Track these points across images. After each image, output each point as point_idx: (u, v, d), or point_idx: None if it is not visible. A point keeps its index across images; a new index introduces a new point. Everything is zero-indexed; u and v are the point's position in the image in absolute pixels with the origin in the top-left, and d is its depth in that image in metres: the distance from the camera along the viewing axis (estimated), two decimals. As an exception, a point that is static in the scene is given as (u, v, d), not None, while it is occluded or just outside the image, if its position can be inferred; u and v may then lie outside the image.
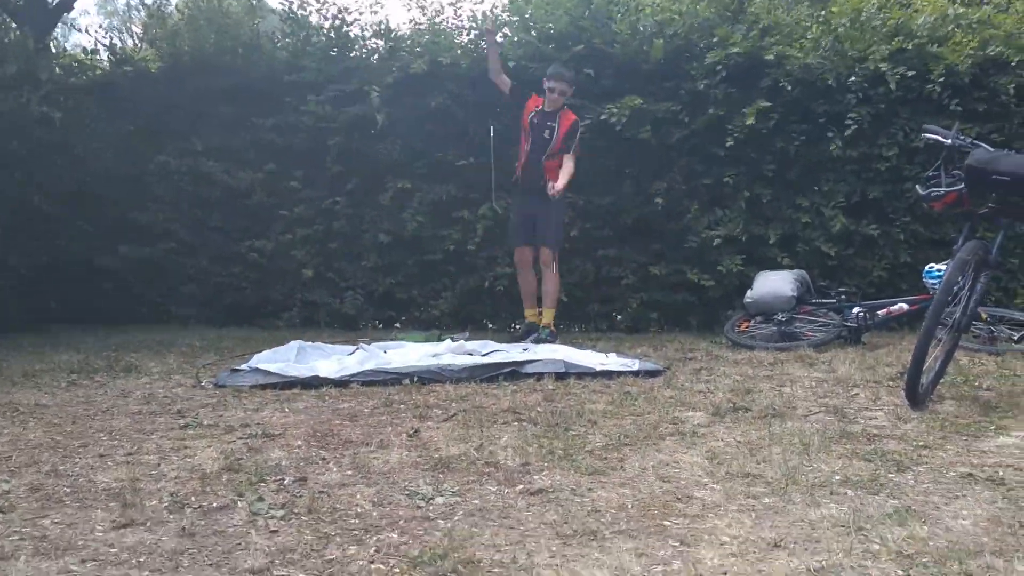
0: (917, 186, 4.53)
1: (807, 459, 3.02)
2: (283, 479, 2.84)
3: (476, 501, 2.64)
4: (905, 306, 5.93)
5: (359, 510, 2.56)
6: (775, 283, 6.20)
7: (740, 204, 7.05)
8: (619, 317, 7.52)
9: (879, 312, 5.94)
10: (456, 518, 2.50)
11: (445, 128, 7.55)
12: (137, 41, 8.63)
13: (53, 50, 8.72)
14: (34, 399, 4.11)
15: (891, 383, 4.36)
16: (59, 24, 11.08)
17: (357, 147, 7.64)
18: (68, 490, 2.71)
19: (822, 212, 6.88)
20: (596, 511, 2.55)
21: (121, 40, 8.60)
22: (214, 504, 2.59)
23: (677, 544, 2.29)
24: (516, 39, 7.73)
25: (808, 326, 5.99)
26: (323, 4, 8.05)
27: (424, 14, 8.06)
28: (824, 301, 6.18)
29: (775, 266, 6.71)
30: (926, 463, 2.96)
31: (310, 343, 5.65)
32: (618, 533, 2.37)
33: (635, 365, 4.88)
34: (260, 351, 5.74)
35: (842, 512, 2.47)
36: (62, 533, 2.35)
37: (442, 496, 2.68)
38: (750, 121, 6.75)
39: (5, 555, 2.17)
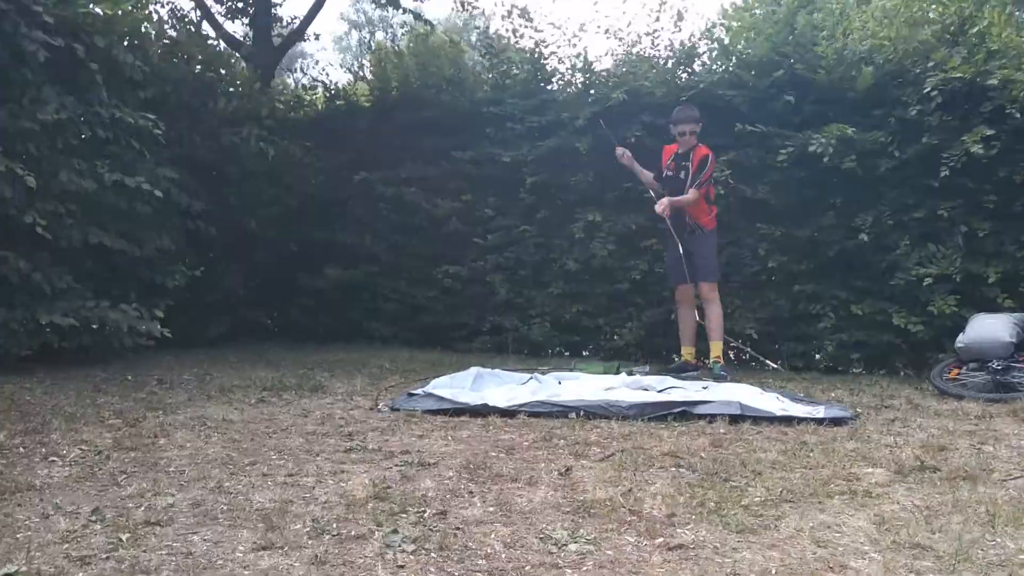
0: None
1: (990, 532, 2.68)
2: (424, 511, 2.85)
3: (610, 552, 2.54)
4: None
5: (489, 551, 2.52)
6: (992, 326, 5.63)
7: (956, 240, 6.49)
8: (817, 356, 7.12)
9: (1113, 363, 5.27)
10: (585, 568, 2.41)
11: (638, 157, 7.46)
12: (354, 78, 9.15)
13: (277, 85, 9.44)
14: (223, 414, 4.40)
15: (1118, 448, 3.83)
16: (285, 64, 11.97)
17: (549, 179, 7.71)
18: (225, 507, 2.85)
19: (1050, 249, 6.21)
20: (736, 574, 2.37)
21: (355, 76, 9.10)
22: (352, 532, 2.63)
23: (817, 621, 2.08)
24: (714, 67, 7.55)
25: (1029, 376, 5.39)
26: (520, 37, 8.23)
27: (621, 44, 8.05)
28: (1048, 349, 5.55)
29: (994, 308, 6.12)
30: None
31: (488, 370, 5.71)
32: (753, 602, 2.19)
33: (819, 412, 4.56)
34: (443, 374, 5.92)
35: (1019, 601, 2.17)
36: (207, 551, 2.46)
37: (576, 543, 2.59)
38: (974, 149, 6.19)
39: (149, 569, 2.30)
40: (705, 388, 5.23)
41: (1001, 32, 6.63)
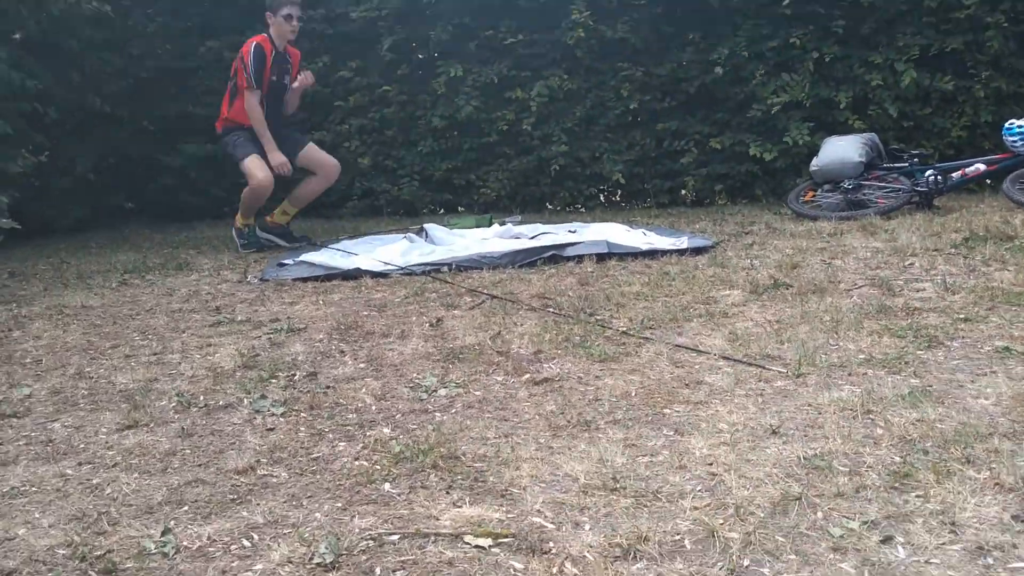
0: None
1: (834, 338, 2.86)
2: (294, 375, 2.86)
3: (478, 392, 2.60)
4: (982, 167, 5.54)
5: (360, 405, 2.55)
6: (842, 148, 5.84)
7: (807, 66, 6.63)
8: (683, 192, 7.29)
9: (953, 174, 5.56)
10: (453, 411, 2.47)
11: (496, 4, 7.27)
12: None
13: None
14: (82, 300, 4.23)
15: (952, 250, 4.10)
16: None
17: (407, 34, 7.45)
18: (86, 392, 2.78)
19: (896, 68, 6.41)
20: (597, 400, 2.48)
21: None
22: (219, 403, 2.62)
23: (671, 433, 2.20)
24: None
25: (877, 192, 5.65)
26: None
27: None
28: (895, 166, 5.81)
29: (846, 131, 6.34)
30: (962, 337, 2.78)
31: (360, 237, 5.65)
32: (613, 423, 2.30)
33: (683, 242, 4.71)
34: (313, 241, 5.84)
35: (854, 395, 2.34)
36: (68, 436, 2.41)
37: (445, 388, 2.65)
38: None
39: (6, 460, 2.24)
40: (574, 231, 5.31)
41: None
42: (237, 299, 4.17)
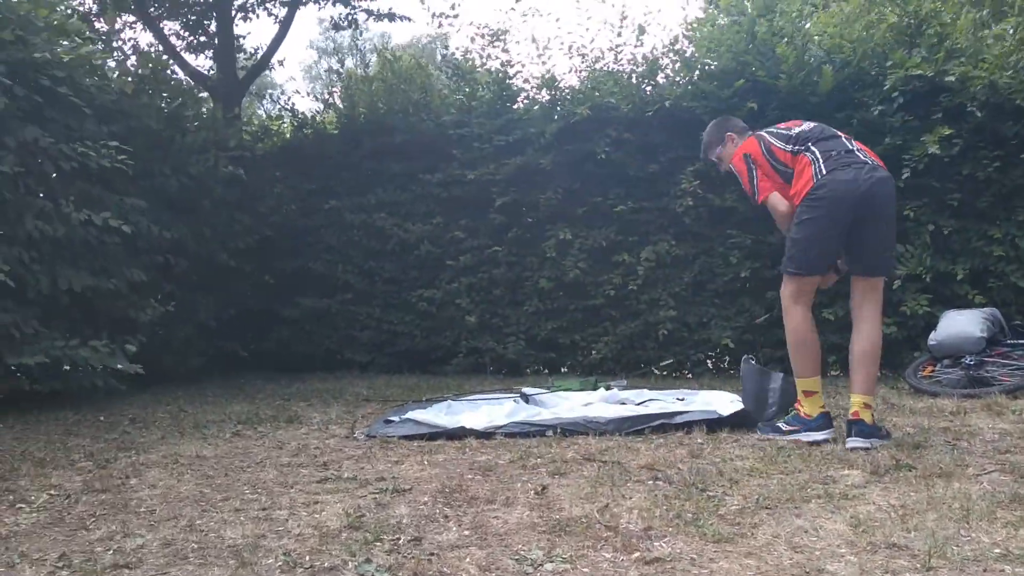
0: None
1: (965, 528, 2.68)
2: (399, 538, 2.82)
3: (586, 569, 2.51)
4: (1113, 347, 5.28)
5: (463, 575, 2.49)
6: (963, 323, 5.67)
7: (924, 239, 6.55)
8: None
9: (1083, 354, 5.31)
10: (560, 588, 2.39)
11: (605, 173, 7.50)
12: (324, 105, 9.16)
13: (244, 117, 9.43)
14: (196, 450, 4.34)
15: (1090, 437, 3.85)
16: (255, 95, 11.97)
17: (518, 197, 7.72)
18: (196, 546, 2.80)
19: (1017, 244, 6.27)
20: (711, 584, 2.36)
21: (326, 105, 9.09)
22: (324, 564, 2.59)
23: (794, 628, 2.07)
24: (678, 79, 7.61)
25: (1001, 370, 5.42)
26: (487, 58, 8.28)
27: (584, 60, 8.10)
28: (1020, 342, 5.58)
29: (964, 305, 6.17)
30: (1111, 537, 2.56)
31: (464, 398, 5.69)
32: (730, 612, 2.18)
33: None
34: (421, 400, 5.90)
35: (994, 596, 2.17)
36: (176, 591, 2.42)
37: (552, 562, 2.56)
38: (932, 149, 6.26)
39: (117, 613, 2.26)
40: (681, 399, 5.23)
41: (960, 31, 6.73)
42: (344, 455, 4.20)
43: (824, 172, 4.00)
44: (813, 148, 4.11)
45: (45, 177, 5.66)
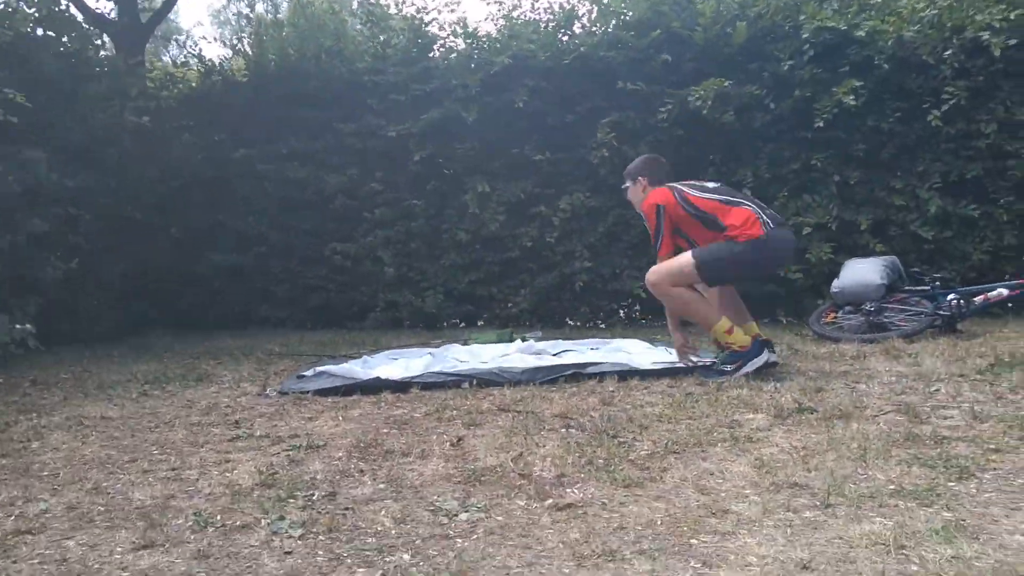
0: None
1: (863, 466, 2.80)
2: (313, 494, 2.81)
3: (500, 517, 2.55)
4: (1005, 291, 5.53)
5: (379, 528, 2.50)
6: (863, 271, 5.87)
7: (830, 189, 6.73)
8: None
9: (976, 299, 5.56)
10: (475, 536, 2.41)
11: (524, 124, 7.47)
12: (233, 52, 8.85)
13: (146, 65, 9.06)
14: (101, 412, 4.23)
15: (978, 376, 4.05)
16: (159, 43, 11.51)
17: (436, 150, 7.63)
18: (102, 509, 2.74)
19: (917, 194, 6.50)
20: (622, 528, 2.42)
21: (235, 52, 8.76)
22: (237, 523, 2.57)
23: (699, 566, 2.14)
24: (594, 28, 7.60)
25: (899, 316, 5.65)
26: (401, 3, 8.12)
27: (500, 8, 8.01)
28: (917, 289, 5.81)
29: (866, 253, 6.38)
30: (994, 469, 2.71)
31: (380, 353, 5.67)
32: (639, 553, 2.23)
33: (707, 361, 4.68)
34: (335, 356, 5.86)
35: (886, 528, 2.27)
36: (83, 556, 2.36)
37: (467, 512, 2.59)
38: (846, 101, 6.40)
39: (19, 578, 2.20)
40: (595, 348, 5.31)
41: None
42: (256, 413, 4.15)
43: (771, 226, 4.43)
44: (749, 203, 4.55)
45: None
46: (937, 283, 5.76)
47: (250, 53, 8.58)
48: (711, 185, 4.78)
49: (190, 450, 3.46)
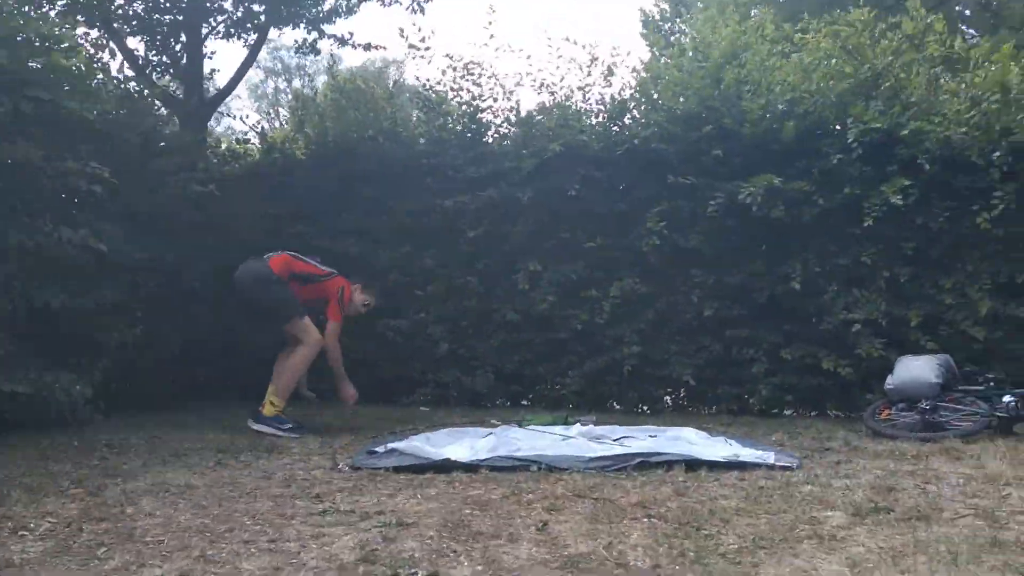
0: None
1: (956, 570, 2.86)
2: (416, 572, 2.89)
3: (606, 606, 2.62)
4: (1061, 394, 5.59)
5: (490, 610, 2.58)
6: (918, 368, 5.95)
7: (879, 284, 6.84)
8: (751, 399, 7.36)
9: (1032, 400, 5.62)
10: (586, 624, 2.49)
11: (575, 210, 7.66)
12: (285, 125, 9.13)
13: (210, 141, 9.38)
14: (184, 480, 4.33)
15: (1047, 482, 4.10)
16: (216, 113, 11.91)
17: (489, 229, 7.82)
18: (215, 577, 2.84)
19: (967, 293, 6.59)
20: (729, 623, 2.49)
21: (270, 123, 9.03)
22: (350, 599, 2.66)
23: (815, 665, 2.20)
24: (644, 120, 7.83)
25: (954, 415, 5.70)
26: (458, 91, 8.40)
27: (553, 97, 8.27)
28: (971, 388, 5.88)
29: (917, 351, 6.46)
30: (1087, 580, 2.77)
31: (444, 429, 5.77)
32: (753, 649, 2.30)
33: (770, 458, 4.73)
34: (393, 430, 5.96)
35: (995, 637, 2.33)
36: (209, 623, 2.46)
37: (572, 598, 2.67)
38: (893, 199, 6.55)
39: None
40: (653, 436, 5.38)
41: (914, 85, 7.06)
42: (334, 487, 4.23)
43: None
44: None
45: (35, 194, 5.60)
46: (991, 383, 5.82)
47: (311, 134, 8.84)
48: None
49: (281, 522, 3.55)
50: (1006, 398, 5.58)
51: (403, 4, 10.18)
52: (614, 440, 5.18)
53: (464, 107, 8.32)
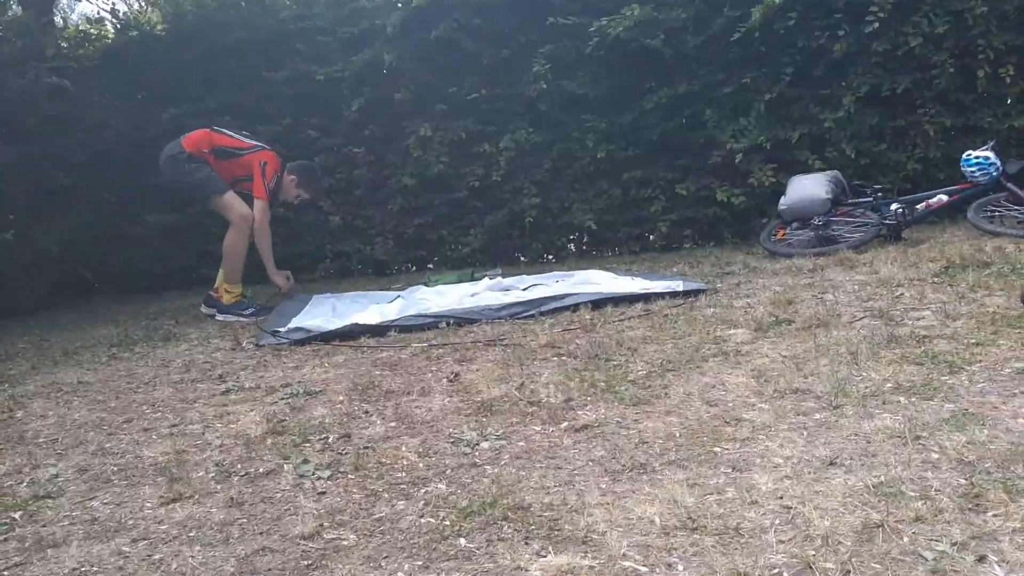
0: None
1: (856, 369, 2.94)
2: (327, 437, 2.83)
3: (521, 443, 2.61)
4: (944, 197, 5.76)
5: (405, 463, 2.54)
6: (809, 187, 6.04)
7: (760, 108, 6.82)
8: (651, 237, 7.41)
9: (918, 206, 5.78)
10: (503, 462, 2.47)
11: (455, 61, 7.38)
12: (143, 4, 8.47)
13: (59, 23, 8.65)
14: (76, 377, 4.13)
15: (935, 279, 4.24)
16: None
17: (371, 94, 7.50)
18: (116, 468, 2.71)
19: (849, 109, 6.63)
20: (644, 443, 2.50)
21: (127, 4, 8.38)
22: (260, 470, 2.58)
23: (729, 470, 2.24)
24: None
25: (846, 228, 5.84)
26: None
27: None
28: (860, 200, 6.01)
29: (806, 170, 6.54)
30: (979, 361, 2.87)
31: (346, 294, 5.65)
32: (668, 464, 2.33)
33: (679, 285, 4.78)
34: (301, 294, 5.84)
35: (897, 422, 2.40)
36: (112, 513, 2.35)
37: (487, 440, 2.65)
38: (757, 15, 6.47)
39: (57, 542, 2.18)
40: (559, 281, 5.37)
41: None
42: (238, 366, 4.11)
43: None
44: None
45: None
46: (879, 194, 5.96)
47: (166, 6, 8.21)
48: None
49: (183, 406, 3.43)
50: (893, 206, 5.72)
51: None
52: (523, 289, 5.15)
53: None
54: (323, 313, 5.09)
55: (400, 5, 7.46)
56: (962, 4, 6.31)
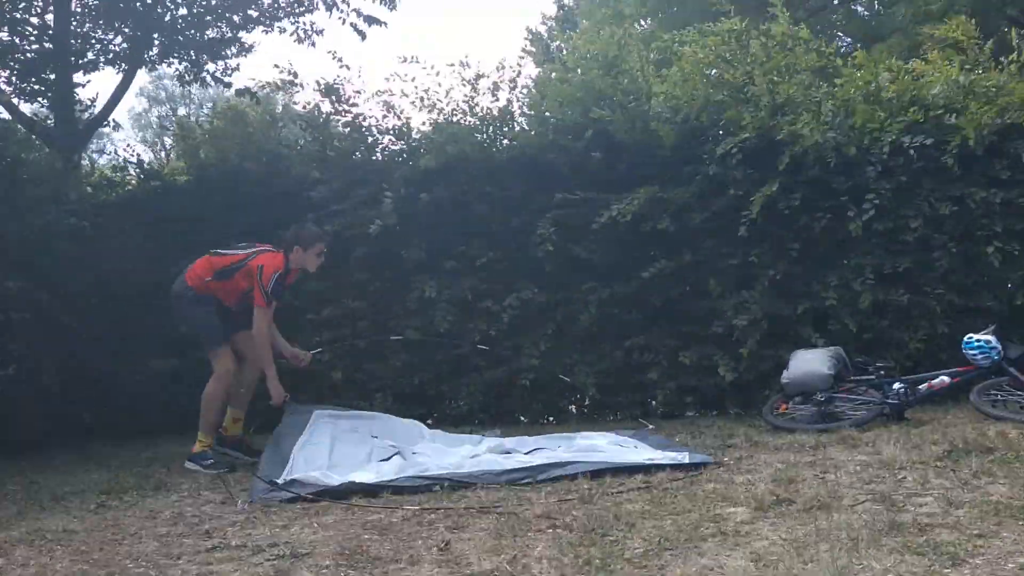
0: None
1: (857, 557, 2.87)
2: (310, 605, 2.74)
3: (511, 622, 2.52)
4: (947, 379, 5.78)
5: (389, 638, 2.45)
6: (812, 362, 6.07)
7: (763, 283, 6.93)
8: (653, 403, 7.37)
9: (921, 387, 5.79)
10: (491, 643, 2.38)
11: (467, 219, 7.57)
12: (167, 156, 8.81)
13: (85, 167, 8.96)
14: (62, 524, 4.04)
15: (938, 464, 4.21)
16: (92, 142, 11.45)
17: (379, 251, 7.65)
18: (91, 629, 2.63)
19: (852, 288, 6.74)
20: (638, 628, 2.42)
21: (156, 154, 8.70)
22: (240, 638, 2.49)
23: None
24: (533, 132, 7.85)
25: (849, 405, 5.84)
26: (341, 113, 8.21)
27: (441, 115, 8.15)
28: (863, 378, 6.02)
29: (808, 346, 6.57)
30: (982, 554, 2.81)
31: (346, 416, 5.78)
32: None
33: (684, 458, 4.72)
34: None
35: (899, 618, 2.33)
36: None
37: (476, 618, 2.56)
38: (766, 199, 6.67)
39: None
40: (560, 447, 5.31)
41: (788, 90, 7.20)
42: (225, 522, 4.03)
43: None
44: None
45: None
46: (882, 372, 5.97)
47: (203, 156, 8.49)
48: None
49: (167, 563, 3.34)
50: (896, 385, 5.73)
51: (287, 32, 9.96)
52: (525, 453, 5.10)
53: (348, 128, 8.14)
54: (320, 456, 4.99)
55: (408, 168, 7.72)
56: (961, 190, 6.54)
